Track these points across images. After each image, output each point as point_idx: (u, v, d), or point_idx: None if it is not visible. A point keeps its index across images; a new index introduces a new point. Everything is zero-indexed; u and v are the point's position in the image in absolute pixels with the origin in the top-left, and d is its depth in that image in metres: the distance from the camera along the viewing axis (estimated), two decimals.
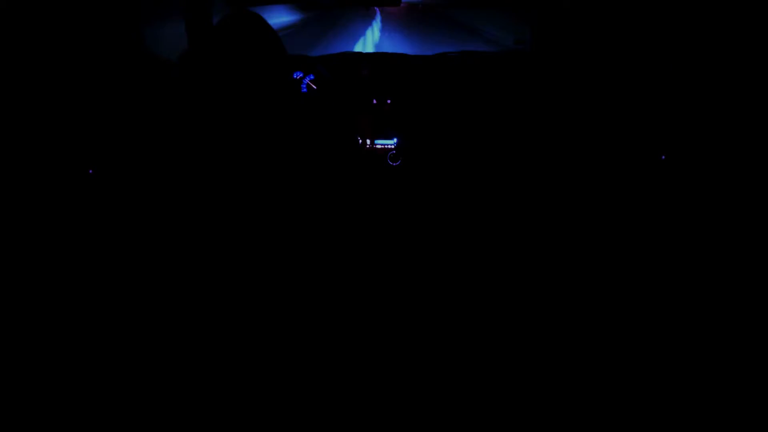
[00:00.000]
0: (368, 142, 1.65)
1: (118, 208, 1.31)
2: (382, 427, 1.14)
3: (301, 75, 1.66)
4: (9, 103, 1.21)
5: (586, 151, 1.46)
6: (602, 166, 1.44)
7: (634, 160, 1.41)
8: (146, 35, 1.51)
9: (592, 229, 1.42)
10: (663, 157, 1.35)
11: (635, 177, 1.40)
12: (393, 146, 1.65)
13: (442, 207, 1.58)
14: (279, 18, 6.44)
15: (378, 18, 8.71)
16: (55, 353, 1.16)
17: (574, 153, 1.47)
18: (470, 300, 1.41)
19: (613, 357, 1.24)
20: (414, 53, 1.75)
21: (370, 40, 6.18)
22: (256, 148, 1.39)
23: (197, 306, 1.31)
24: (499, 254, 1.46)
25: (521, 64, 1.62)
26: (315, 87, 1.67)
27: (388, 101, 1.66)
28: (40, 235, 1.20)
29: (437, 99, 1.66)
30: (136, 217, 1.33)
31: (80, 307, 1.21)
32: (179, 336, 1.27)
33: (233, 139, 1.37)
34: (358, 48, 5.45)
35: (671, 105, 1.38)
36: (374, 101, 1.65)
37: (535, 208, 1.48)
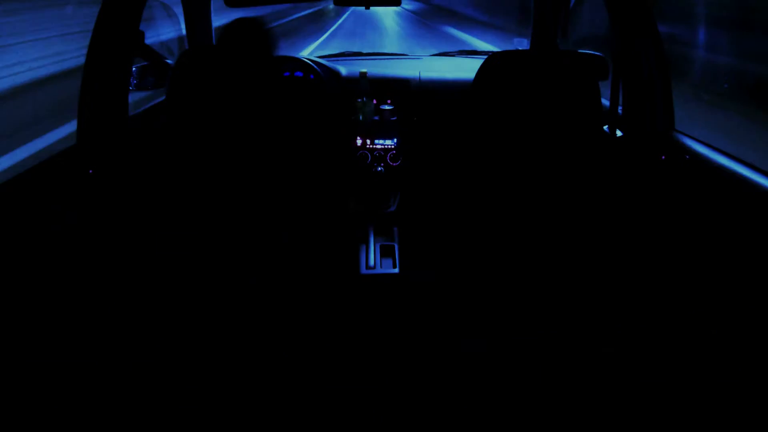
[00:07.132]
0: (368, 142, 1.65)
1: (118, 208, 1.31)
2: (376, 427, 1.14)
3: (302, 75, 1.66)
4: None
5: (586, 152, 1.46)
6: (602, 167, 1.44)
7: (634, 160, 1.41)
8: (146, 35, 1.51)
9: (594, 229, 1.42)
10: (663, 157, 1.35)
11: (635, 177, 1.40)
12: (393, 146, 1.65)
13: (443, 206, 1.58)
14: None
15: None
16: (54, 353, 1.16)
17: (575, 153, 1.47)
18: (471, 301, 1.41)
19: (612, 357, 1.24)
20: (413, 53, 1.75)
21: None
22: (256, 147, 1.39)
23: (195, 305, 1.31)
24: (499, 254, 1.46)
25: (521, 65, 1.62)
26: (315, 87, 1.67)
27: (389, 101, 1.65)
28: (40, 234, 1.20)
29: (437, 99, 1.66)
30: (135, 216, 1.34)
31: (80, 306, 1.22)
32: (176, 334, 1.28)
33: (233, 139, 1.37)
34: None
35: (670, 105, 1.38)
36: (374, 101, 1.65)
37: (536, 207, 1.48)
